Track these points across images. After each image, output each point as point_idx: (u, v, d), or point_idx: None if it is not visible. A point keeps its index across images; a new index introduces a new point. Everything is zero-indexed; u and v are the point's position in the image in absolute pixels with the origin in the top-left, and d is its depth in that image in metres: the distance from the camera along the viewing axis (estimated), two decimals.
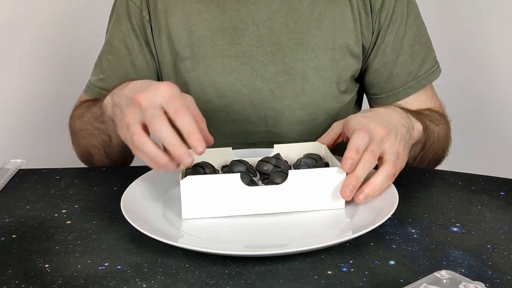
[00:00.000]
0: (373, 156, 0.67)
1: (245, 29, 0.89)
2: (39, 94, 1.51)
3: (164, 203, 0.69)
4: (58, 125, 1.53)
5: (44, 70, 1.49)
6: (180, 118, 0.62)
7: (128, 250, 0.61)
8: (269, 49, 0.89)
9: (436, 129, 0.87)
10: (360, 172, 0.65)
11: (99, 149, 0.87)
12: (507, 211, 0.68)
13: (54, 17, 1.46)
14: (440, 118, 0.91)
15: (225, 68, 0.89)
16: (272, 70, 0.89)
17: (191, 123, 0.62)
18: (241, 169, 0.69)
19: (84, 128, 0.87)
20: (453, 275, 0.48)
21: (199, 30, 0.89)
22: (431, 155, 0.88)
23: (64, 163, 0.91)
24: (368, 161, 0.66)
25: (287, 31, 0.89)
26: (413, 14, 0.93)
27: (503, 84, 1.46)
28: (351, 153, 0.65)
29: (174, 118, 0.62)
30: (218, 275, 0.55)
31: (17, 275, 0.56)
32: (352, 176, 0.65)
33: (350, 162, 0.64)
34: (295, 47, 0.89)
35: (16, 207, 0.72)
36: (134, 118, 0.64)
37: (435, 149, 0.88)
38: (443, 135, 0.90)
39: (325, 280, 0.54)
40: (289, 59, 0.89)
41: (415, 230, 0.64)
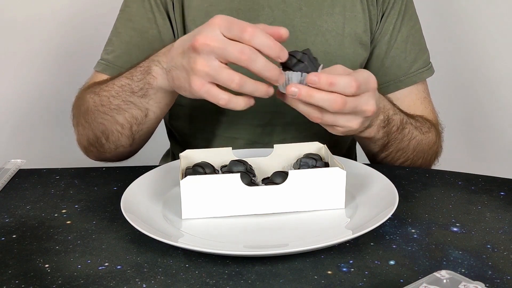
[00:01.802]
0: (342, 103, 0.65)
1: (259, 11, 0.92)
2: (39, 94, 1.51)
3: (164, 203, 0.69)
4: (58, 125, 1.53)
5: (44, 70, 1.49)
6: (250, 35, 0.62)
7: (128, 250, 0.61)
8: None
9: (419, 136, 0.88)
10: (317, 97, 0.65)
11: (123, 126, 0.82)
12: (507, 211, 0.68)
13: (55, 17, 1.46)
14: (431, 127, 0.92)
15: None
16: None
17: (262, 34, 0.62)
18: (241, 169, 0.69)
19: (105, 103, 0.82)
20: (453, 275, 0.48)
21: (214, 11, 0.90)
22: (402, 159, 0.88)
23: (64, 163, 0.91)
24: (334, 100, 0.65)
25: (300, 15, 0.92)
26: (410, 12, 0.97)
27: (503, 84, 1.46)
28: (327, 77, 0.64)
29: (244, 39, 0.62)
30: (218, 275, 0.55)
31: (17, 275, 0.56)
32: (308, 90, 0.64)
33: (315, 79, 0.64)
34: (307, 30, 0.92)
35: (16, 207, 0.72)
36: (210, 60, 0.63)
37: (408, 154, 0.88)
38: (427, 144, 0.90)
39: (325, 280, 0.54)
40: (301, 42, 0.92)
41: (415, 230, 0.64)
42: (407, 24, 0.96)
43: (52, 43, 1.47)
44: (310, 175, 0.65)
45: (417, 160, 0.90)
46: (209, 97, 0.65)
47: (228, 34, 0.63)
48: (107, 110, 0.81)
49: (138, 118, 0.80)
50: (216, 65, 0.63)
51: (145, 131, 0.84)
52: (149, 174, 0.75)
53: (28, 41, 1.46)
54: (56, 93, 1.51)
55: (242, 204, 0.65)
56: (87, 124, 0.86)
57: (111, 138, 0.84)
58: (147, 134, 0.86)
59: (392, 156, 0.87)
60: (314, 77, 0.64)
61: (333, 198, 0.66)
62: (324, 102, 0.65)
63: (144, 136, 0.86)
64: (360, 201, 0.68)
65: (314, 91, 0.64)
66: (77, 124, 0.89)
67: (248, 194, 0.65)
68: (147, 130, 0.84)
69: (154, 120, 0.82)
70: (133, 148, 0.88)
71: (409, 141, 0.86)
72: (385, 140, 0.83)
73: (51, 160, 1.51)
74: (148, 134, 0.86)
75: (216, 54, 0.63)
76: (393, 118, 0.81)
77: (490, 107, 1.48)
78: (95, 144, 0.87)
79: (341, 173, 0.65)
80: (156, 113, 0.80)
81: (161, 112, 0.80)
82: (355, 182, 0.71)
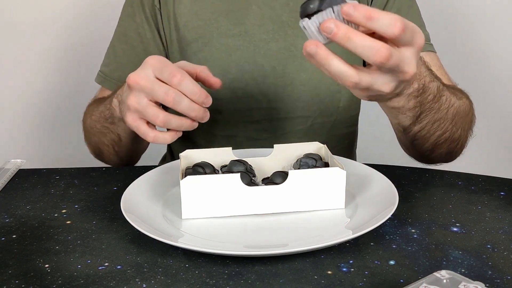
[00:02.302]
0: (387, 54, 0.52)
1: (248, 10, 0.94)
2: (40, 94, 1.51)
3: (164, 203, 0.69)
4: (58, 125, 1.53)
5: (44, 70, 1.49)
6: (178, 81, 0.65)
7: (128, 250, 0.61)
8: (271, 28, 0.93)
9: (457, 102, 0.78)
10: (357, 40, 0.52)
11: (108, 147, 0.89)
12: (507, 211, 0.68)
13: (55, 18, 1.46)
14: (462, 93, 0.85)
15: (229, 47, 0.94)
16: (273, 47, 0.93)
17: (189, 82, 0.65)
18: (240, 169, 0.69)
19: (94, 126, 0.89)
20: (453, 275, 0.48)
21: (205, 13, 0.94)
22: (439, 131, 0.78)
23: (64, 163, 0.91)
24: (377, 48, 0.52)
25: (288, 10, 0.93)
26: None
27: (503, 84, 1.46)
28: (366, 9, 0.52)
29: (172, 83, 0.65)
30: (218, 275, 0.55)
31: (17, 275, 0.56)
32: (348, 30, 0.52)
33: (350, 10, 0.52)
34: (296, 25, 0.92)
35: (16, 207, 0.72)
36: (140, 97, 0.66)
37: (447, 124, 0.77)
38: (464, 111, 0.81)
39: (325, 280, 0.54)
40: (290, 37, 0.93)
41: (415, 230, 0.64)
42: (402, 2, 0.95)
43: (52, 43, 1.47)
44: (310, 175, 0.65)
45: (456, 131, 0.80)
46: (139, 133, 0.69)
47: (159, 76, 0.66)
48: (95, 132, 0.90)
49: (115, 140, 0.87)
50: (144, 103, 0.67)
51: (126, 151, 0.90)
52: (149, 174, 0.75)
53: (29, 42, 1.46)
54: (57, 93, 1.51)
55: (242, 204, 0.65)
56: (87, 140, 0.95)
57: (105, 154, 0.92)
58: (131, 152, 0.91)
59: (428, 129, 0.76)
60: (350, 7, 0.52)
61: (333, 198, 0.66)
62: (365, 50, 0.53)
63: (130, 153, 0.92)
64: (360, 201, 0.68)
65: (355, 33, 0.52)
66: (84, 137, 0.97)
67: (248, 194, 0.65)
68: (127, 151, 0.90)
69: (129, 143, 0.87)
70: (124, 162, 0.94)
71: (447, 110, 0.75)
72: (418, 110, 0.71)
73: (51, 160, 1.51)
74: (132, 151, 0.91)
75: (145, 93, 0.66)
76: (429, 86, 0.69)
77: (490, 107, 1.48)
78: (98, 156, 0.95)
79: (341, 173, 0.65)
80: (127, 138, 0.85)
81: (131, 138, 0.85)
82: (355, 182, 0.71)
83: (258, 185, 0.67)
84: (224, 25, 0.93)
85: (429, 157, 0.85)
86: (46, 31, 1.46)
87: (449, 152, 0.85)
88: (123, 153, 0.91)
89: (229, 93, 0.94)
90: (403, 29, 0.52)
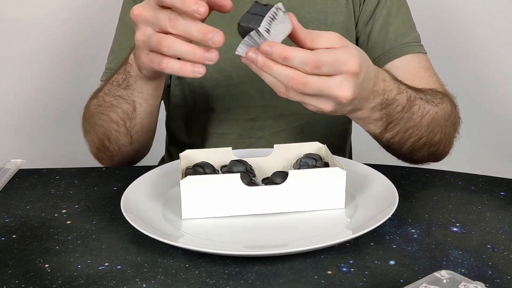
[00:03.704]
0: (301, 82, 0.59)
1: (242, 7, 0.91)
2: (39, 94, 1.51)
3: (164, 203, 0.69)
4: (58, 125, 1.53)
5: (44, 70, 1.49)
6: (181, 1, 0.59)
7: (128, 250, 0.61)
8: None
9: (433, 109, 0.80)
10: (275, 69, 0.59)
11: (118, 124, 0.83)
12: (507, 211, 0.68)
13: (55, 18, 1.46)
14: (443, 97, 0.85)
15: (224, 45, 0.91)
16: None
17: (193, 3, 0.59)
18: (240, 169, 0.69)
19: (101, 103, 0.84)
20: (453, 275, 0.48)
21: None
22: (414, 137, 0.79)
23: (64, 163, 0.91)
24: (292, 77, 0.59)
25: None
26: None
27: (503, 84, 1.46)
28: (282, 49, 0.58)
29: (175, 5, 0.60)
30: (218, 275, 0.55)
31: (17, 275, 0.56)
32: (266, 60, 0.60)
33: (268, 49, 0.59)
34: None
35: (16, 207, 0.72)
36: (146, 30, 0.63)
37: (422, 131, 0.79)
38: (443, 116, 0.82)
39: (325, 280, 0.54)
40: None
41: (415, 230, 0.64)
42: (392, 3, 0.95)
43: (52, 43, 1.47)
44: (310, 175, 0.65)
45: (434, 136, 0.82)
46: (152, 64, 0.64)
47: (161, 2, 0.61)
48: (102, 110, 0.83)
49: (128, 112, 0.81)
50: (150, 32, 0.63)
51: (139, 126, 0.84)
52: (149, 174, 0.75)
53: (29, 42, 1.46)
54: (56, 93, 1.51)
55: (242, 204, 0.65)
56: (91, 129, 0.89)
57: (111, 138, 0.85)
58: (142, 131, 0.86)
59: (401, 136, 0.78)
60: (267, 47, 0.58)
61: (333, 198, 0.66)
62: (282, 78, 0.59)
63: (141, 132, 0.86)
64: (360, 201, 0.68)
65: (271, 62, 0.59)
66: (85, 132, 0.91)
67: (248, 194, 0.65)
68: (140, 126, 0.84)
69: (143, 114, 0.82)
70: (134, 146, 0.88)
71: (421, 117, 0.78)
72: (385, 121, 0.74)
73: (51, 160, 1.51)
74: (143, 130, 0.86)
75: (150, 24, 0.63)
76: (397, 98, 0.72)
77: (490, 107, 1.48)
78: (102, 148, 0.89)
79: (341, 173, 0.65)
80: (143, 105, 0.80)
81: (147, 104, 0.81)
82: (355, 182, 0.71)
83: (258, 185, 0.67)
84: (218, 23, 0.93)
85: (411, 159, 0.86)
86: (46, 31, 1.46)
87: (431, 154, 0.86)
88: (135, 130, 0.85)
89: (224, 91, 0.93)
90: (316, 66, 0.58)
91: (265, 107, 0.94)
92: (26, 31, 1.45)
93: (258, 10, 0.59)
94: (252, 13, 0.59)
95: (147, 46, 0.64)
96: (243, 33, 0.60)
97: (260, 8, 0.59)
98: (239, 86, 0.93)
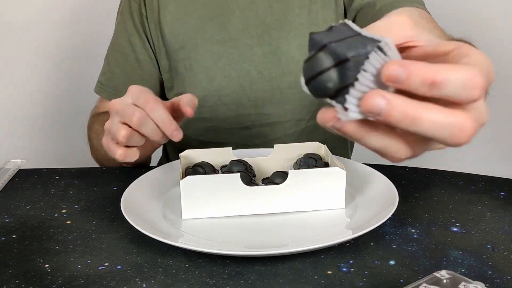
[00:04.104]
0: (471, 131, 0.34)
1: (231, 15, 0.93)
2: (40, 94, 1.51)
3: (164, 203, 0.69)
4: (58, 125, 1.53)
5: (44, 70, 1.50)
6: (151, 107, 0.65)
7: (128, 250, 0.61)
8: (255, 32, 0.92)
9: None
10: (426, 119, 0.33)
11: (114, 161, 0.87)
12: (507, 211, 0.68)
13: (55, 18, 1.46)
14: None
15: (214, 54, 0.93)
16: (259, 52, 0.92)
17: (161, 110, 0.65)
18: (241, 169, 0.69)
19: (97, 136, 0.90)
20: (453, 275, 0.48)
21: (190, 20, 0.93)
22: None
23: (64, 163, 0.91)
24: (460, 126, 0.34)
25: (271, 12, 0.92)
26: None
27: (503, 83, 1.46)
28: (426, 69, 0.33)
29: (145, 109, 0.65)
30: (218, 275, 0.55)
31: (17, 275, 0.56)
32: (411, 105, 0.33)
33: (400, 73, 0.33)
34: (279, 27, 0.92)
35: (16, 207, 0.72)
36: (113, 120, 0.67)
37: None
38: None
39: (325, 280, 0.54)
40: (274, 40, 0.92)
41: (415, 230, 0.64)
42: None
43: (52, 43, 1.47)
44: (310, 175, 0.65)
45: None
46: (109, 152, 0.70)
47: (136, 101, 0.67)
48: (99, 149, 0.89)
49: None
50: (115, 123, 0.67)
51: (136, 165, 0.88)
52: (149, 174, 0.75)
53: (29, 42, 1.46)
54: (56, 93, 1.51)
55: (242, 204, 0.65)
56: (93, 154, 0.96)
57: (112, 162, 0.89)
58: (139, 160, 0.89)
59: None
60: (395, 68, 0.33)
61: (333, 198, 0.66)
62: (441, 131, 0.34)
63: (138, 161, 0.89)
64: (360, 201, 0.68)
65: (421, 107, 0.33)
66: (91, 152, 0.97)
67: (248, 194, 0.65)
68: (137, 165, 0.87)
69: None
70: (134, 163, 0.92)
71: None
72: None
73: (51, 160, 1.51)
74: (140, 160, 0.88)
75: (118, 115, 0.67)
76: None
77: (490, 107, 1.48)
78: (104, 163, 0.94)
79: (341, 173, 0.65)
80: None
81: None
82: (355, 182, 0.71)
83: (258, 185, 0.67)
84: (208, 31, 0.93)
85: None
86: (46, 31, 1.46)
87: None
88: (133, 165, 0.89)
89: (216, 100, 0.93)
90: (484, 86, 0.33)
91: (259, 115, 0.94)
92: (26, 32, 1.45)
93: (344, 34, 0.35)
94: (340, 39, 0.35)
95: (110, 134, 0.68)
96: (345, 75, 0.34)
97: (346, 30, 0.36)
98: (231, 95, 0.93)
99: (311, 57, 0.35)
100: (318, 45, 0.35)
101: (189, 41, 0.93)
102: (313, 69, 0.35)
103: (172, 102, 0.70)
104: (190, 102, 0.69)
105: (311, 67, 0.35)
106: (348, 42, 0.34)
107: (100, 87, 0.98)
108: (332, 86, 0.35)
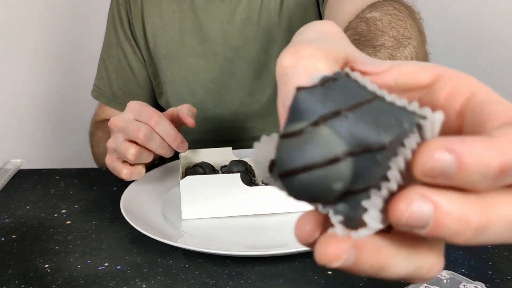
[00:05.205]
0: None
1: (211, 26, 0.91)
2: (39, 94, 1.51)
3: (164, 203, 0.69)
4: (58, 125, 1.53)
5: (44, 70, 1.49)
6: (155, 122, 0.65)
7: (128, 250, 0.61)
8: (234, 44, 0.90)
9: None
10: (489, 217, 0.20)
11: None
12: None
13: (55, 18, 1.46)
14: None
15: (194, 66, 0.92)
16: (238, 65, 0.90)
17: (166, 124, 0.66)
18: (241, 169, 0.69)
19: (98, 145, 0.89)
20: (453, 275, 0.48)
21: (172, 30, 0.92)
22: None
23: (64, 163, 0.91)
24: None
25: (250, 23, 0.90)
26: None
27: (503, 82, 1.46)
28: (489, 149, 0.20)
29: (150, 124, 0.65)
30: (218, 275, 0.55)
31: (17, 275, 0.56)
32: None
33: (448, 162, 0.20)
34: (258, 39, 0.90)
35: (16, 207, 0.72)
36: (117, 138, 0.67)
37: None
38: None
39: (325, 280, 0.54)
40: (253, 52, 0.90)
41: None
42: None
43: (52, 43, 1.47)
44: None
45: None
46: (114, 172, 0.69)
47: (138, 117, 0.66)
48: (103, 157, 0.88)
49: None
50: (119, 141, 0.67)
51: None
52: (149, 174, 0.75)
53: (28, 41, 1.46)
54: (56, 93, 1.51)
55: (242, 204, 0.65)
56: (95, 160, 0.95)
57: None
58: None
59: None
60: (443, 155, 0.20)
61: None
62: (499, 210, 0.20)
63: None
64: None
65: (486, 203, 0.20)
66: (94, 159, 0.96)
67: (248, 194, 0.65)
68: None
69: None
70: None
71: None
72: None
73: (51, 160, 1.51)
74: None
75: (122, 133, 0.66)
76: None
77: None
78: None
79: None
80: None
81: None
82: None
83: (258, 185, 0.67)
84: (189, 43, 0.91)
85: None
86: (46, 31, 1.46)
87: None
88: None
89: (199, 113, 0.91)
90: None
91: (243, 129, 0.93)
92: (26, 32, 1.45)
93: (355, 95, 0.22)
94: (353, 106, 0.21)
95: (116, 153, 0.68)
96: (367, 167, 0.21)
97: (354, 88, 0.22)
98: (212, 109, 0.92)
99: (300, 132, 0.21)
100: (315, 113, 0.21)
101: (171, 51, 0.92)
102: (304, 154, 0.20)
103: (170, 113, 0.70)
104: (189, 113, 0.69)
105: (299, 152, 0.20)
106: (373, 114, 0.21)
107: (98, 92, 0.97)
108: (340, 187, 0.21)
